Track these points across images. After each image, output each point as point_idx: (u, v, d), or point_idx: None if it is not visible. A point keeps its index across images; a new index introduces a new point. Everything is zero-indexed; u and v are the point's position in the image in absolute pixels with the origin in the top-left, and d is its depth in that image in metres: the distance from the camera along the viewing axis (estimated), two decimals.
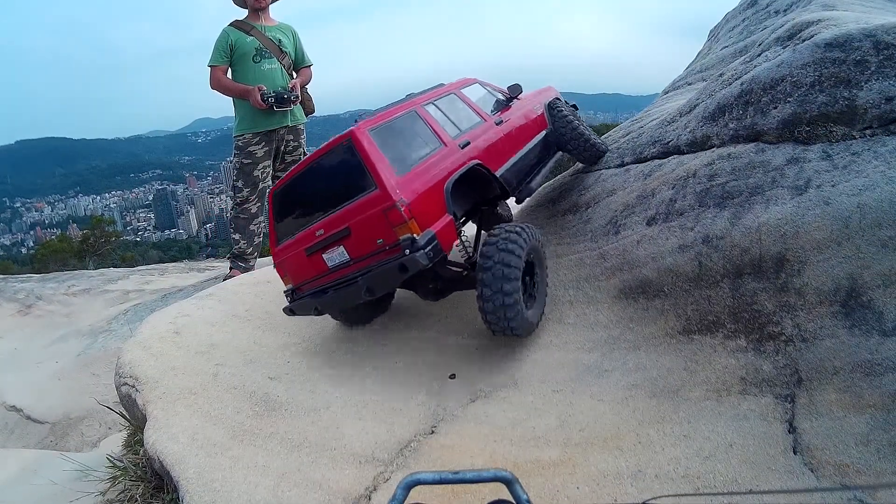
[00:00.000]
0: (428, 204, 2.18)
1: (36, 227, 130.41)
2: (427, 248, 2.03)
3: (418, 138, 2.43)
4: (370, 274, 2.16)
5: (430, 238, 2.08)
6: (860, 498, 1.34)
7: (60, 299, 6.09)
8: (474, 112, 2.90)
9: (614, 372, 2.17)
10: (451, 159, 2.42)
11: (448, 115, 2.70)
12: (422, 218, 2.11)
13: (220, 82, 4.07)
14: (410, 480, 0.65)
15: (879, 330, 1.68)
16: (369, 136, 2.21)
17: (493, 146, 2.77)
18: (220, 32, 4.09)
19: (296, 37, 4.35)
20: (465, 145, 2.57)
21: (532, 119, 3.29)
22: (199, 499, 1.76)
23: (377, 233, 2.13)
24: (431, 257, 2.05)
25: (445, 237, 2.18)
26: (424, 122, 2.51)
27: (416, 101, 2.64)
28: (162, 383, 2.39)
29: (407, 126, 2.44)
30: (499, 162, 2.76)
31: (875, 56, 2.16)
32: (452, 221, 2.25)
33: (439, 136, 2.50)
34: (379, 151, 2.18)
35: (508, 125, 3.02)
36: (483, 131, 2.79)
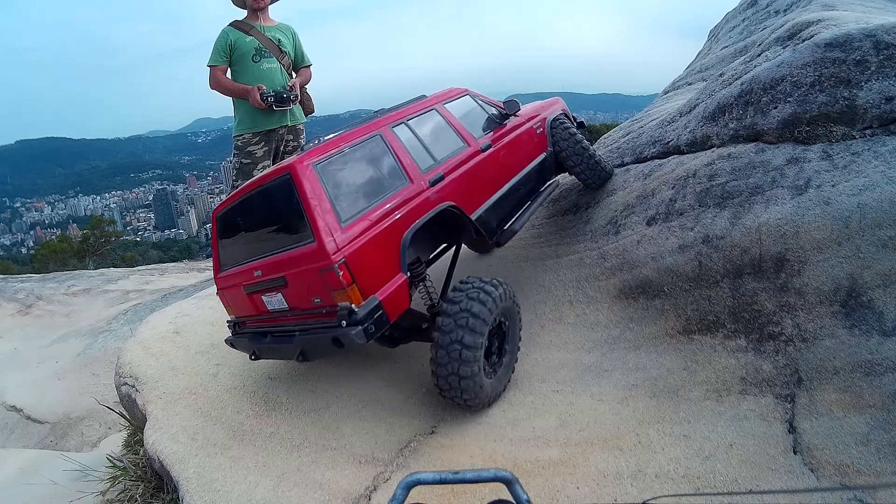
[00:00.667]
0: (376, 261, 1.85)
1: (36, 227, 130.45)
2: (367, 323, 1.74)
3: (379, 171, 2.06)
4: (305, 338, 1.89)
5: (372, 308, 1.77)
6: (860, 498, 1.34)
7: (60, 299, 6.09)
8: (457, 134, 2.47)
9: (614, 372, 2.17)
10: (416, 201, 2.05)
11: (422, 140, 2.29)
12: (367, 281, 1.79)
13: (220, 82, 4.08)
14: (410, 480, 0.65)
15: (879, 330, 1.68)
16: (313, 172, 1.85)
17: (474, 179, 2.37)
18: (219, 33, 4.10)
19: (295, 37, 4.36)
20: (438, 181, 2.19)
21: (529, 141, 2.85)
22: (199, 498, 1.76)
23: (314, 290, 1.84)
24: (372, 332, 1.75)
25: (394, 303, 1.86)
26: (389, 149, 2.13)
27: (384, 120, 2.24)
28: (162, 383, 2.39)
29: (367, 155, 2.07)
30: (479, 199, 2.38)
31: (875, 56, 2.16)
32: (406, 282, 1.93)
33: (405, 170, 2.11)
34: (322, 193, 1.82)
35: (498, 150, 2.59)
36: (464, 160, 2.37)
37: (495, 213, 2.47)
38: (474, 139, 2.51)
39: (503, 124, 2.75)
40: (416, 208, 2.03)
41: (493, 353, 2.17)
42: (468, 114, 2.67)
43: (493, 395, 2.15)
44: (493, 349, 2.17)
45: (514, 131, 2.77)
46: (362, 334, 1.72)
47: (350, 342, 1.72)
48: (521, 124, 2.85)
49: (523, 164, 2.74)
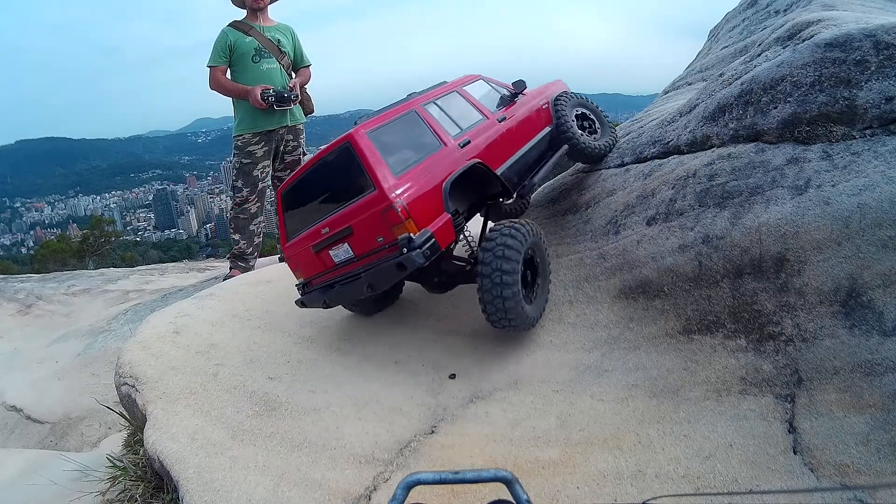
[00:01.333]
0: (426, 203, 2.23)
1: (36, 227, 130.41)
2: (424, 247, 2.09)
3: (417, 139, 2.46)
4: (371, 271, 2.22)
5: (427, 237, 2.13)
6: (860, 498, 1.34)
7: (60, 299, 6.09)
8: (476, 110, 2.90)
9: (614, 372, 2.17)
10: (450, 159, 2.45)
11: (449, 114, 2.71)
12: (419, 217, 2.17)
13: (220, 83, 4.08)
14: (410, 480, 0.65)
15: (879, 330, 1.68)
16: (367, 138, 2.27)
17: (495, 144, 2.77)
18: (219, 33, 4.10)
19: (295, 37, 4.36)
20: (466, 144, 2.59)
21: (536, 115, 3.25)
22: (198, 498, 1.76)
23: (377, 232, 2.20)
24: (428, 255, 2.10)
25: (443, 235, 2.23)
26: (424, 122, 2.54)
27: (417, 100, 2.65)
28: (162, 383, 2.39)
29: (406, 127, 2.48)
30: (500, 159, 2.77)
31: (875, 56, 2.16)
32: (450, 220, 2.30)
33: (439, 136, 2.52)
34: (377, 154, 2.23)
35: (511, 122, 3.00)
36: (484, 129, 2.79)
37: (515, 171, 2.88)
38: (491, 113, 2.95)
39: (514, 101, 3.19)
40: (452, 163, 2.44)
41: (528, 282, 2.49)
42: (483, 94, 3.11)
43: (533, 319, 2.46)
44: (528, 279, 2.49)
45: (524, 106, 3.19)
46: (421, 256, 2.07)
47: (412, 262, 2.07)
48: (529, 101, 3.27)
49: (534, 133, 3.16)
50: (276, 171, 4.45)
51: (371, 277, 2.24)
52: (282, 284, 3.42)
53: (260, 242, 4.54)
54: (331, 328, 2.99)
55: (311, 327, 3.00)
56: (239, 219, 4.32)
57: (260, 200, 4.33)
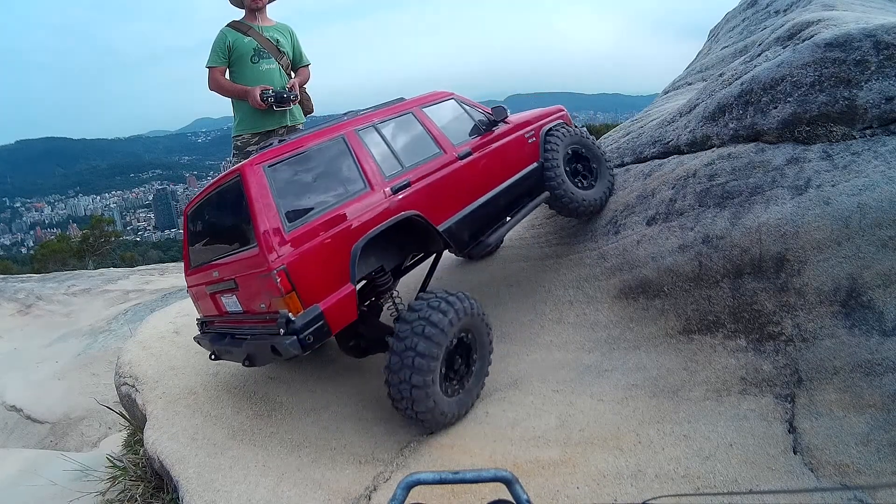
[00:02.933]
0: (321, 270, 1.80)
1: (36, 227, 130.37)
2: (304, 333, 1.70)
3: (337, 176, 2.00)
4: (250, 343, 1.87)
5: (312, 318, 1.73)
6: (860, 498, 1.34)
7: (60, 299, 6.09)
8: (433, 140, 2.36)
9: (614, 372, 2.17)
10: (373, 207, 1.98)
11: (391, 144, 2.22)
12: (308, 289, 1.75)
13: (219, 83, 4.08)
14: (410, 480, 0.65)
15: (879, 330, 1.68)
16: (262, 175, 1.82)
17: (446, 189, 2.27)
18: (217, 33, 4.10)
19: (294, 36, 4.36)
20: (402, 188, 2.10)
21: (518, 150, 2.69)
22: (199, 498, 1.76)
23: (259, 296, 1.82)
24: (309, 343, 1.71)
25: (339, 314, 1.81)
26: (352, 153, 2.06)
27: (352, 123, 2.18)
28: (162, 383, 2.39)
29: (327, 158, 2.02)
30: (449, 209, 2.27)
31: (875, 56, 2.16)
32: (353, 293, 1.88)
33: (366, 175, 2.04)
34: (268, 197, 1.79)
35: (478, 159, 2.45)
36: (436, 167, 2.28)
37: (469, 225, 2.34)
38: (452, 146, 2.40)
39: (490, 131, 2.63)
40: (373, 216, 1.96)
41: (455, 372, 2.07)
42: (451, 119, 2.56)
43: (450, 416, 2.03)
44: (456, 367, 2.07)
45: (501, 139, 2.63)
46: (297, 344, 1.68)
47: (285, 352, 1.69)
48: (511, 132, 2.71)
49: (508, 174, 2.59)
50: None
51: (250, 349, 1.88)
52: None
53: None
54: None
55: None
56: None
57: None
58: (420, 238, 2.24)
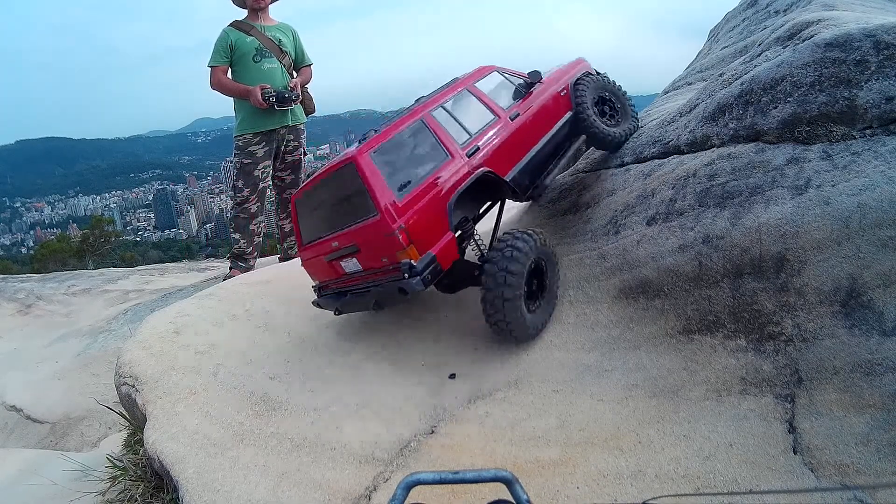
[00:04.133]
0: (428, 225, 2.25)
1: (36, 227, 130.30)
2: (424, 273, 2.14)
3: (424, 151, 2.44)
4: (377, 290, 2.30)
5: (428, 262, 2.18)
6: (860, 498, 1.34)
7: (60, 299, 6.09)
8: (488, 108, 2.81)
9: (614, 372, 2.17)
10: (456, 171, 2.42)
11: (458, 118, 2.65)
12: (421, 241, 2.20)
13: (221, 82, 4.08)
14: (410, 480, 0.65)
15: (879, 330, 1.68)
16: (370, 160, 2.26)
17: (505, 146, 2.72)
18: (219, 33, 4.09)
19: (296, 36, 4.36)
20: (474, 152, 2.54)
21: (553, 104, 3.13)
22: (198, 498, 1.76)
23: (381, 252, 2.25)
24: (429, 280, 2.16)
25: (446, 256, 2.29)
26: (431, 131, 2.50)
27: (424, 106, 2.60)
28: (162, 383, 2.39)
29: (412, 139, 2.46)
30: (511, 162, 2.73)
31: (875, 56, 2.16)
32: (454, 239, 2.34)
33: (446, 147, 2.47)
34: (379, 176, 2.23)
35: (524, 117, 2.91)
36: (495, 130, 2.72)
37: (527, 173, 2.81)
38: (503, 111, 2.84)
39: (529, 93, 3.04)
40: (458, 176, 2.41)
41: (533, 291, 2.49)
42: (497, 88, 2.99)
43: (533, 329, 2.46)
44: (534, 288, 2.50)
45: (539, 97, 3.05)
46: (420, 283, 2.13)
47: (412, 289, 2.13)
48: (545, 90, 3.12)
49: (549, 126, 3.03)
50: (277, 171, 4.45)
51: (377, 295, 2.31)
52: (282, 284, 3.42)
53: (260, 242, 4.54)
54: (331, 328, 2.99)
55: (311, 327, 3.00)
56: (239, 218, 4.32)
57: (260, 200, 4.33)
58: (491, 189, 2.71)
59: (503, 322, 2.34)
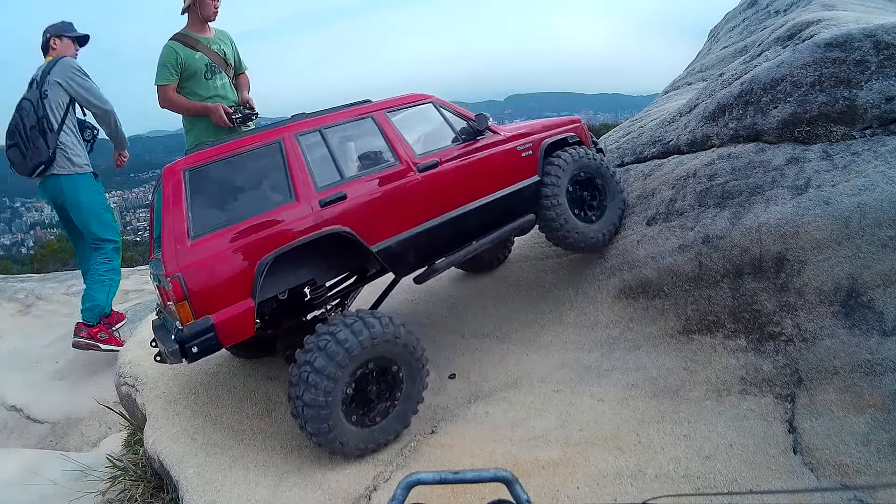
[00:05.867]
0: (220, 281, 1.74)
1: (36, 227, 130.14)
2: (193, 341, 1.66)
3: (262, 184, 1.92)
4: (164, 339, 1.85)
5: (200, 330, 1.67)
6: (860, 498, 1.34)
7: (60, 299, 6.08)
8: (389, 149, 2.16)
9: (614, 372, 2.17)
10: (294, 220, 1.87)
11: (334, 152, 2.06)
12: (203, 299, 1.70)
13: (173, 101, 3.88)
14: (410, 480, 0.65)
15: (879, 330, 1.68)
16: (180, 179, 1.80)
17: (392, 203, 2.07)
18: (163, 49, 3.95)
19: (233, 43, 4.24)
20: (335, 200, 1.95)
21: (505, 164, 2.42)
22: (198, 498, 1.76)
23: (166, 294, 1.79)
24: (194, 354, 1.67)
25: (232, 329, 1.74)
26: (284, 160, 1.95)
27: (295, 126, 2.05)
28: (162, 383, 2.39)
29: (257, 163, 1.93)
30: (392, 227, 2.06)
31: (875, 56, 2.16)
32: (252, 309, 1.77)
33: (294, 185, 1.92)
34: (181, 203, 1.77)
35: (444, 172, 2.22)
36: (384, 179, 2.08)
37: (417, 246, 2.13)
38: (411, 157, 2.18)
39: (472, 141, 2.37)
40: (291, 231, 1.86)
41: (367, 402, 1.93)
42: (421, 126, 2.37)
43: (350, 447, 1.87)
44: (370, 396, 1.92)
45: (481, 151, 2.36)
46: (178, 353, 1.66)
47: (169, 358, 1.71)
48: (496, 143, 2.43)
49: (483, 190, 2.32)
50: None
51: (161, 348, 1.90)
52: None
53: None
54: None
55: None
56: None
57: None
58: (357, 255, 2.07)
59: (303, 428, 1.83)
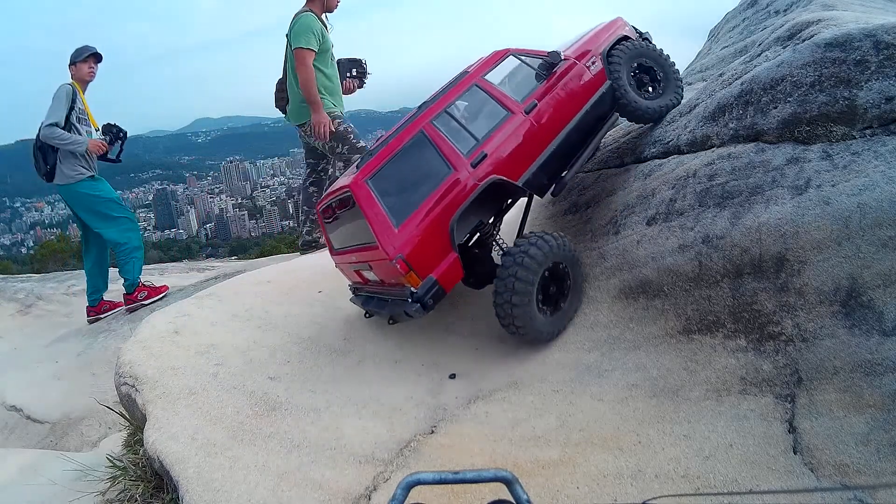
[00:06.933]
0: (428, 250, 2.25)
1: (36, 227, 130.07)
2: (426, 297, 2.20)
3: (424, 167, 2.37)
4: (391, 308, 2.39)
5: (429, 287, 2.22)
6: (860, 498, 1.34)
7: (60, 299, 6.08)
8: (499, 104, 2.59)
9: (614, 372, 2.17)
10: (459, 186, 2.34)
11: (463, 123, 2.50)
12: (422, 266, 2.22)
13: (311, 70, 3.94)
14: (410, 480, 0.65)
15: (879, 330, 1.68)
16: (367, 188, 2.27)
17: (518, 147, 2.53)
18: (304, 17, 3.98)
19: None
20: (481, 160, 2.41)
21: (579, 84, 2.81)
22: (198, 498, 1.76)
23: (388, 274, 2.35)
24: (430, 305, 2.22)
25: (449, 278, 2.30)
26: (431, 143, 2.39)
27: (426, 115, 2.46)
28: (162, 383, 2.38)
29: (412, 155, 2.38)
30: (525, 163, 2.55)
31: (875, 56, 2.16)
32: (457, 259, 2.31)
33: (448, 159, 2.37)
34: (377, 205, 2.24)
35: (542, 108, 2.65)
36: (506, 130, 2.53)
37: (544, 172, 2.63)
38: (517, 104, 2.62)
39: (550, 75, 2.76)
40: (460, 193, 2.34)
41: (549, 296, 2.44)
42: (512, 75, 2.80)
43: (545, 333, 2.43)
44: (551, 292, 2.45)
45: (561, 79, 2.78)
46: (421, 310, 2.21)
47: (414, 315, 2.23)
48: (568, 69, 2.82)
49: (573, 111, 2.76)
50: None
51: (392, 312, 2.41)
52: (282, 284, 3.42)
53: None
54: (331, 328, 2.99)
55: (311, 327, 3.00)
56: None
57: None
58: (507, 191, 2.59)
59: (513, 326, 2.34)
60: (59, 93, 4.40)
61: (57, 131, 4.30)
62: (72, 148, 4.37)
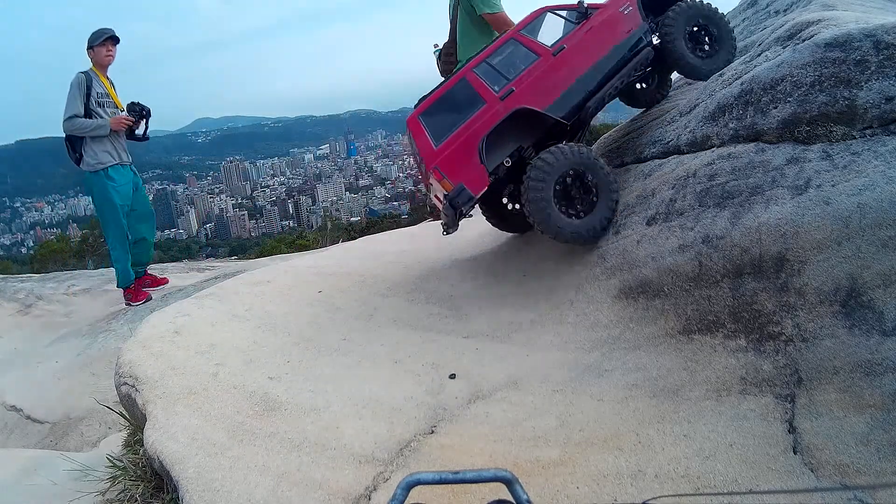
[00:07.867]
0: (459, 163, 2.82)
1: (36, 227, 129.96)
2: (456, 197, 2.78)
3: (464, 103, 2.94)
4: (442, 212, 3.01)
5: (458, 190, 2.79)
6: (860, 498, 1.34)
7: (60, 299, 6.08)
8: (530, 50, 3.06)
9: (614, 372, 2.17)
10: (487, 116, 2.86)
11: (498, 68, 3.01)
12: (454, 173, 2.80)
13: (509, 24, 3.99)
14: (410, 480, 0.65)
15: (879, 330, 1.68)
16: (419, 121, 2.97)
17: (543, 81, 2.98)
18: None
19: None
20: (508, 94, 2.90)
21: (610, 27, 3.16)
22: (198, 498, 1.76)
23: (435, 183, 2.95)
24: (463, 202, 2.78)
25: (474, 184, 2.82)
26: (471, 86, 2.96)
27: (469, 66, 3.04)
28: (162, 383, 2.38)
29: (455, 94, 3.00)
30: (552, 95, 2.98)
31: (875, 56, 2.16)
32: (485, 170, 2.82)
33: (481, 95, 2.92)
34: (424, 133, 2.92)
35: (569, 49, 3.06)
36: (536, 70, 2.98)
37: (568, 102, 3.02)
38: (546, 49, 3.06)
39: (581, 23, 3.15)
40: (489, 120, 2.86)
41: (571, 200, 2.83)
42: (547, 28, 3.23)
43: (567, 232, 2.77)
44: (575, 195, 2.84)
45: (590, 24, 3.16)
46: (450, 208, 2.81)
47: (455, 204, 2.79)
48: (600, 14, 3.19)
49: (601, 52, 3.12)
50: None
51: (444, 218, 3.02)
52: (282, 284, 3.42)
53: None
54: (331, 328, 2.99)
55: (311, 327, 3.00)
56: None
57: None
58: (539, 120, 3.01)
59: (536, 224, 2.76)
60: (71, 84, 4.44)
61: (77, 122, 4.35)
62: (95, 133, 4.41)
